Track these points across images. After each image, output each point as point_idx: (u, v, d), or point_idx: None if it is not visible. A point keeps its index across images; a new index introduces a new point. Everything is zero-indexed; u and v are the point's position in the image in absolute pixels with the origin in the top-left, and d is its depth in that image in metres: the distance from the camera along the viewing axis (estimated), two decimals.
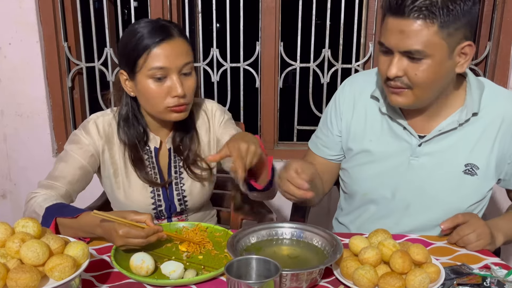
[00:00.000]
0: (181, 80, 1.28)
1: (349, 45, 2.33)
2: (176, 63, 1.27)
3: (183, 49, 1.29)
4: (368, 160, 1.36)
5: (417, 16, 1.10)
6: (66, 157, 1.35)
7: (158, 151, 1.42)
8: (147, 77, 1.27)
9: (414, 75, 1.16)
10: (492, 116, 1.27)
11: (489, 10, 2.24)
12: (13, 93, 2.36)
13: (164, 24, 1.29)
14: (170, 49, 1.26)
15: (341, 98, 1.42)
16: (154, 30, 1.26)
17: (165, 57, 1.25)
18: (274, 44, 2.28)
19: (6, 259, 0.91)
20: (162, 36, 1.25)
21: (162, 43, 1.25)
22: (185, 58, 1.28)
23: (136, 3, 2.45)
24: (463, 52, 1.17)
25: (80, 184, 1.37)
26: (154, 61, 1.25)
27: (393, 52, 1.17)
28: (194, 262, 1.14)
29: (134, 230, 1.09)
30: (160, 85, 1.28)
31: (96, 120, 1.39)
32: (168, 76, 1.27)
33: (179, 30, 1.30)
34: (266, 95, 2.37)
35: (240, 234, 1.15)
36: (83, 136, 1.36)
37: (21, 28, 2.27)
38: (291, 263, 1.09)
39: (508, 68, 2.22)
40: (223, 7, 2.27)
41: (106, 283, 1.05)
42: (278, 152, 2.43)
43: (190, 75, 1.31)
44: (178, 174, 1.44)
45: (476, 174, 1.27)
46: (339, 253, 1.04)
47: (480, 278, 1.01)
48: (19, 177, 2.47)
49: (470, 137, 1.27)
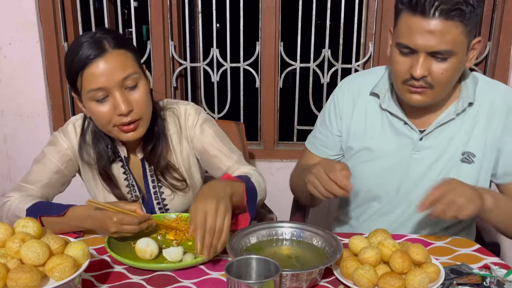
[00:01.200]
0: (125, 96, 1.18)
1: (349, 45, 2.33)
2: (113, 80, 1.16)
3: (119, 62, 1.16)
4: (370, 158, 1.37)
5: (446, 16, 1.09)
6: (43, 159, 1.33)
7: (127, 160, 1.35)
8: (89, 100, 1.18)
9: (440, 74, 1.16)
10: (484, 104, 1.28)
11: (489, 10, 2.24)
12: (13, 93, 2.36)
13: (99, 37, 1.17)
14: (104, 66, 1.15)
15: (340, 97, 1.42)
16: (87, 47, 1.15)
17: (100, 76, 1.15)
18: (274, 44, 2.28)
19: (6, 259, 0.91)
20: (94, 53, 1.14)
21: (93, 62, 1.14)
22: (123, 71, 1.17)
23: (136, 3, 2.45)
24: (474, 47, 1.20)
25: (56, 187, 1.35)
26: (90, 83, 1.15)
27: (416, 52, 1.15)
28: (186, 248, 1.18)
29: (127, 217, 1.12)
30: (103, 106, 1.18)
31: (75, 123, 1.35)
32: (109, 95, 1.17)
33: (114, 41, 1.17)
34: (266, 95, 2.37)
35: (240, 234, 1.15)
36: (62, 139, 1.33)
37: (21, 28, 2.27)
38: (291, 263, 1.09)
39: (508, 68, 2.22)
40: (223, 7, 2.27)
41: (106, 283, 1.05)
42: (278, 152, 2.43)
43: (135, 88, 1.20)
44: (156, 183, 1.39)
45: (473, 162, 1.28)
46: (339, 253, 1.04)
47: (480, 278, 1.01)
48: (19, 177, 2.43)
49: (466, 126, 1.28)
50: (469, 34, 1.14)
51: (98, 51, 1.15)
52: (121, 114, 1.18)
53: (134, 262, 1.09)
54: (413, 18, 1.12)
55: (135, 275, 1.07)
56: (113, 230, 1.12)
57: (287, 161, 2.39)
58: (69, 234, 1.17)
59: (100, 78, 1.15)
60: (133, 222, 1.12)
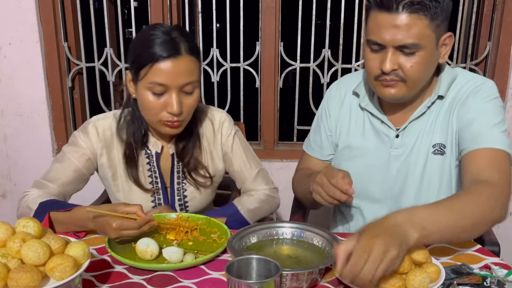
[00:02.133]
0: (180, 98, 1.24)
1: (349, 45, 2.33)
2: (177, 82, 1.23)
3: (188, 67, 1.24)
4: (351, 156, 1.40)
5: (410, 10, 1.13)
6: (63, 158, 1.37)
7: (159, 156, 1.40)
8: (146, 88, 1.24)
9: (409, 68, 1.18)
10: (453, 95, 1.29)
11: (489, 10, 2.24)
12: (13, 93, 2.36)
13: (176, 38, 1.23)
14: (174, 67, 1.21)
15: (329, 98, 1.48)
16: (164, 44, 1.21)
17: (167, 75, 1.21)
18: (274, 44, 2.28)
19: (7, 259, 0.91)
20: (169, 52, 1.21)
21: (167, 60, 1.20)
22: (188, 77, 1.24)
23: (136, 3, 2.45)
24: (445, 43, 1.22)
25: (74, 186, 1.38)
26: (155, 76, 1.22)
27: (385, 48, 1.18)
28: (186, 248, 1.18)
29: (127, 222, 1.12)
30: (157, 99, 1.24)
31: (96, 123, 1.38)
32: (167, 92, 1.24)
33: (190, 47, 1.24)
34: (266, 95, 2.37)
35: (240, 234, 1.15)
36: (81, 139, 1.36)
37: (21, 28, 2.27)
38: (291, 263, 1.09)
39: (508, 68, 2.22)
40: (223, 7, 2.27)
41: (107, 283, 1.05)
42: (278, 152, 2.43)
43: (191, 94, 1.27)
44: (180, 179, 1.43)
45: (445, 153, 1.29)
46: None
47: (480, 278, 1.01)
48: (19, 177, 2.47)
49: (433, 118, 1.30)
50: (436, 28, 1.16)
51: (173, 51, 1.21)
52: (171, 113, 1.25)
53: (134, 262, 1.09)
54: (379, 14, 1.16)
55: (136, 275, 1.07)
56: (113, 236, 1.14)
57: (287, 161, 2.40)
58: (72, 235, 1.17)
59: (166, 76, 1.21)
60: (133, 227, 1.13)
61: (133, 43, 1.30)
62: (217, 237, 1.23)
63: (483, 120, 1.22)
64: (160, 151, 1.40)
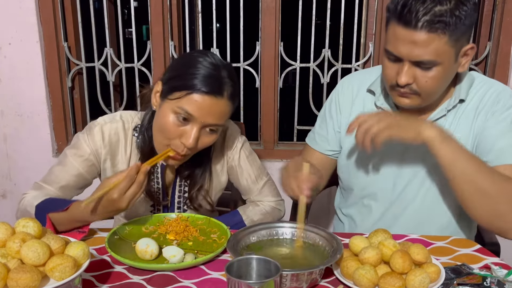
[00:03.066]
0: (200, 134, 1.21)
1: (349, 45, 2.33)
2: (205, 119, 1.19)
3: (222, 111, 1.21)
4: (364, 155, 1.38)
5: (430, 28, 1.11)
6: (65, 161, 1.31)
7: (164, 168, 1.38)
8: (172, 110, 1.19)
9: (424, 82, 1.18)
10: (474, 99, 1.29)
11: (489, 10, 2.24)
12: (13, 93, 2.35)
13: (224, 78, 1.20)
14: (210, 105, 1.18)
15: (340, 94, 1.45)
16: (210, 79, 1.18)
17: (200, 109, 1.17)
18: (274, 44, 2.28)
19: (7, 259, 0.91)
20: (212, 90, 1.17)
21: (206, 95, 1.17)
22: (218, 119, 1.21)
23: (136, 3, 2.45)
24: (466, 53, 1.20)
25: (74, 189, 1.34)
26: (187, 104, 1.17)
27: (402, 60, 1.17)
28: (186, 248, 1.18)
29: (121, 184, 1.08)
30: (178, 125, 1.20)
31: (103, 126, 1.31)
32: (190, 122, 1.20)
33: (232, 92, 1.22)
34: (266, 95, 2.37)
35: (240, 234, 1.15)
36: (86, 142, 1.31)
37: (21, 28, 2.27)
38: (292, 263, 1.09)
39: (508, 68, 2.22)
40: (223, 7, 2.27)
41: (107, 283, 1.05)
42: (278, 152, 2.43)
43: (212, 134, 1.24)
44: (182, 193, 1.41)
45: None
46: (339, 253, 1.04)
47: (480, 278, 1.01)
48: (19, 177, 2.47)
49: (455, 121, 1.30)
50: (456, 42, 1.14)
51: (216, 91, 1.18)
52: (184, 144, 1.20)
53: (134, 262, 1.09)
54: (398, 27, 1.14)
55: (136, 275, 1.07)
56: (124, 206, 1.09)
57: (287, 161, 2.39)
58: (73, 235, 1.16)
59: (198, 109, 1.18)
60: (129, 183, 1.08)
61: (177, 61, 1.28)
62: (217, 237, 1.23)
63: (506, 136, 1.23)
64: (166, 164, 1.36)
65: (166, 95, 1.22)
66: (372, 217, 1.41)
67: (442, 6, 1.10)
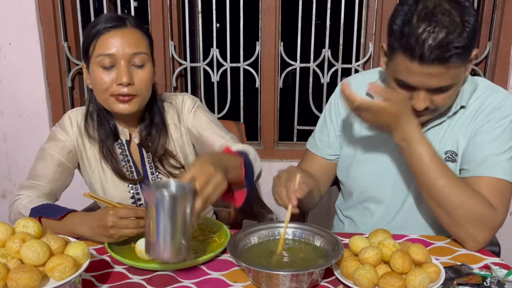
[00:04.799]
0: (130, 70, 1.25)
1: (349, 45, 2.33)
2: (124, 51, 1.23)
3: (134, 38, 1.25)
4: (363, 159, 1.37)
5: (444, 62, 1.08)
6: (44, 155, 1.35)
7: (129, 144, 1.40)
8: (96, 65, 1.25)
9: (441, 100, 1.17)
10: (473, 105, 1.28)
11: (489, 10, 2.24)
12: (13, 93, 2.36)
13: (121, 15, 1.29)
14: (120, 37, 1.24)
15: (339, 97, 1.43)
16: (109, 19, 1.25)
17: (113, 44, 1.23)
18: (274, 44, 2.28)
19: (7, 259, 0.91)
20: (113, 23, 1.24)
21: (111, 30, 1.23)
22: (136, 48, 1.25)
23: (136, 3, 2.46)
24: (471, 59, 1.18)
25: (61, 181, 1.36)
26: (102, 48, 1.24)
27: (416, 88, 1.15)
28: None
29: (123, 209, 1.11)
30: (107, 74, 1.25)
31: (70, 115, 1.39)
32: (116, 64, 1.24)
33: (135, 22, 1.28)
34: (266, 95, 2.37)
35: (240, 234, 1.15)
36: (59, 132, 1.37)
37: (21, 28, 2.27)
38: (292, 263, 1.09)
39: (508, 68, 2.22)
40: (223, 7, 2.27)
41: (106, 283, 1.05)
42: (278, 152, 2.43)
43: (143, 68, 1.27)
44: (154, 168, 1.41)
45: (456, 161, 1.28)
46: (339, 253, 1.04)
47: (480, 278, 1.01)
48: (19, 177, 2.47)
49: (453, 126, 1.29)
50: (466, 60, 1.13)
51: (119, 23, 1.25)
52: (121, 84, 1.24)
53: (134, 262, 1.08)
54: (410, 62, 1.11)
55: (135, 275, 1.07)
56: (110, 224, 1.09)
57: (287, 161, 2.39)
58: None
59: (113, 46, 1.23)
60: (129, 214, 1.10)
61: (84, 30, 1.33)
62: (217, 237, 1.23)
63: (493, 145, 1.21)
64: (129, 139, 1.40)
65: (87, 62, 1.29)
66: (372, 219, 1.41)
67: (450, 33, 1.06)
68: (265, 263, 1.07)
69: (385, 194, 1.37)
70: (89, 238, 1.16)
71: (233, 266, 1.11)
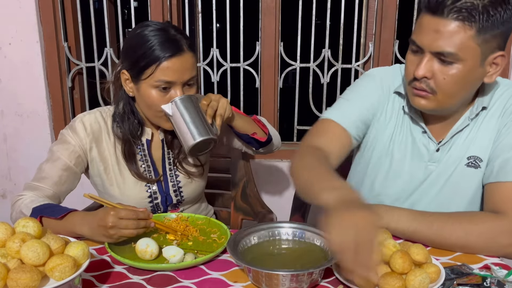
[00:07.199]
0: (183, 92, 1.31)
1: (349, 45, 2.33)
2: (182, 78, 1.29)
3: (190, 63, 1.31)
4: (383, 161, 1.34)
5: (456, 17, 1.06)
6: (52, 157, 1.35)
7: (150, 143, 1.43)
8: (151, 86, 1.29)
9: (442, 79, 1.12)
10: (496, 105, 1.24)
11: None
12: (13, 93, 2.36)
13: (175, 36, 1.29)
14: (179, 64, 1.28)
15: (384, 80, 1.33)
16: (166, 43, 1.27)
17: (173, 72, 1.27)
18: (274, 44, 2.28)
19: (7, 259, 0.91)
20: (173, 51, 1.27)
21: (172, 58, 1.26)
22: (192, 72, 1.31)
23: (136, 3, 2.45)
24: (495, 62, 1.14)
25: (67, 185, 1.36)
26: (162, 75, 1.27)
27: (424, 52, 1.13)
28: (186, 248, 1.18)
29: (124, 210, 1.11)
30: (163, 95, 1.30)
31: (82, 119, 1.38)
32: (172, 87, 1.30)
33: (188, 43, 1.31)
34: (266, 95, 2.37)
35: (240, 234, 1.15)
36: (70, 136, 1.36)
37: (21, 28, 2.27)
38: (292, 263, 1.09)
39: (508, 68, 2.22)
40: (223, 7, 2.27)
41: (106, 283, 1.05)
42: (278, 152, 2.41)
43: (192, 86, 1.34)
44: (172, 165, 1.45)
45: (479, 167, 1.24)
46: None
47: (480, 278, 1.01)
48: (19, 177, 2.47)
49: (476, 130, 1.25)
50: (484, 43, 1.08)
51: (177, 50, 1.28)
52: None
53: (134, 262, 1.09)
54: (425, 15, 1.11)
55: (135, 275, 1.07)
56: (110, 224, 1.09)
57: (287, 161, 2.40)
58: None
59: (173, 73, 1.28)
60: (130, 215, 1.10)
61: (128, 45, 1.32)
62: (217, 237, 1.23)
63: None
64: (151, 138, 1.43)
65: (138, 77, 1.30)
66: None
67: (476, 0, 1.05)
68: (265, 263, 1.07)
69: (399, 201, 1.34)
70: (89, 238, 1.17)
71: (233, 266, 1.11)
